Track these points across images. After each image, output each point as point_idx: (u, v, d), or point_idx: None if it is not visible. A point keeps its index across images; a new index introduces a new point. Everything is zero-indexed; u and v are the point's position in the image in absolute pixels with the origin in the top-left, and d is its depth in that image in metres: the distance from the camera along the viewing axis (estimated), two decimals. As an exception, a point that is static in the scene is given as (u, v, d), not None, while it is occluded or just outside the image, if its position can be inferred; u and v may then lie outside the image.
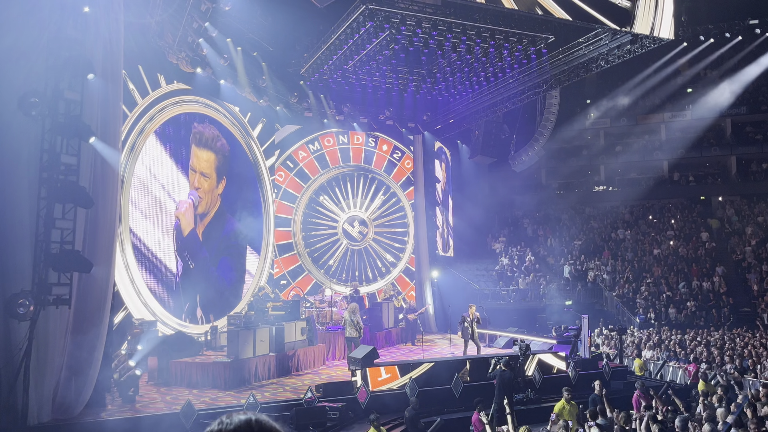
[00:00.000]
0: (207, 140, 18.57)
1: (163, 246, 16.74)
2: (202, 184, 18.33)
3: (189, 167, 17.89)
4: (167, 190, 17.04)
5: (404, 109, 23.02)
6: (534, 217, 32.80)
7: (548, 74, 19.55)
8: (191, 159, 17.99)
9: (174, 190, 17.30)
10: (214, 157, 18.83)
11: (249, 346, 13.68)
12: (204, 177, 18.42)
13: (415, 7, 15.44)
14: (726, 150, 33.05)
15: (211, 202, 18.67)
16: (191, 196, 17.83)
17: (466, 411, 11.97)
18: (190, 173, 17.91)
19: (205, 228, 18.38)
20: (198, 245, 17.98)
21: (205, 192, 18.48)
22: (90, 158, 10.66)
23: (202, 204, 18.33)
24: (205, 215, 18.45)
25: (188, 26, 15.37)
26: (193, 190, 17.89)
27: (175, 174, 17.38)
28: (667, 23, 16.70)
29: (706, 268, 25.69)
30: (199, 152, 18.30)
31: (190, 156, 17.94)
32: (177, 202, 17.33)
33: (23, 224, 9.81)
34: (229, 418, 2.02)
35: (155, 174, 16.61)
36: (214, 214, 18.78)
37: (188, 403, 10.50)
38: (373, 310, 19.38)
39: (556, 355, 15.30)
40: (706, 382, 12.85)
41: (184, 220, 17.51)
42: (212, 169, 18.73)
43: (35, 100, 9.55)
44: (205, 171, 18.47)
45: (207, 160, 18.58)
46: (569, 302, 23.69)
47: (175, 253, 17.10)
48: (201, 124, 18.40)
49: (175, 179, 17.39)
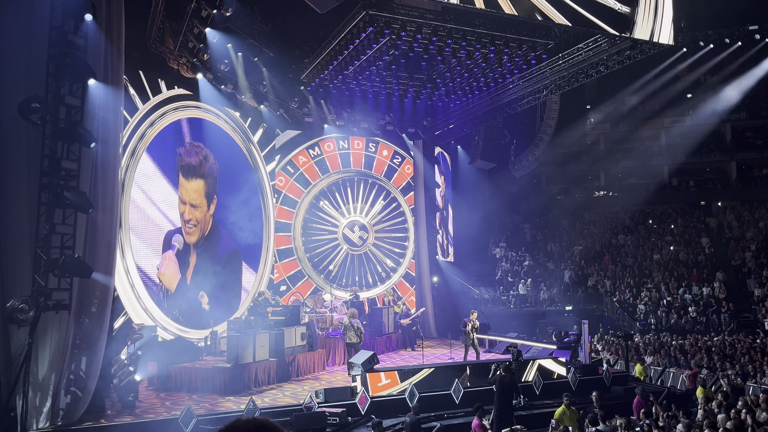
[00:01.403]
0: (194, 168, 18.06)
1: (155, 262, 16.57)
2: (193, 214, 17.95)
3: (178, 199, 17.53)
4: (160, 208, 16.79)
5: (404, 114, 23.04)
6: (534, 222, 32.81)
7: (548, 80, 19.58)
8: (180, 191, 17.57)
9: (168, 206, 17.07)
10: (203, 184, 18.38)
11: (249, 351, 13.67)
12: (194, 207, 18.04)
13: (416, 12, 15.48)
14: (726, 155, 33.08)
15: (204, 226, 18.40)
16: (174, 243, 17.21)
17: (466, 417, 11.96)
18: (179, 205, 17.55)
19: (199, 250, 18.04)
20: (187, 291, 17.35)
21: (197, 221, 18.14)
22: (90, 163, 10.69)
23: (194, 233, 17.98)
24: (199, 241, 18.19)
25: (189, 32, 15.41)
26: (177, 235, 17.31)
27: (169, 188, 17.18)
28: (667, 29, 16.73)
29: (707, 274, 25.68)
30: (188, 183, 17.87)
31: (178, 185, 17.55)
32: (158, 264, 16.71)
33: (23, 229, 9.83)
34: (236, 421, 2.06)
35: (152, 183, 16.49)
36: (208, 234, 18.52)
37: (188, 409, 10.50)
38: (373, 315, 19.37)
39: (556, 361, 15.28)
40: (705, 388, 12.83)
41: (166, 277, 16.88)
42: (202, 197, 18.32)
43: (36, 106, 9.58)
44: (195, 201, 18.06)
45: (196, 189, 18.13)
46: (569, 307, 23.66)
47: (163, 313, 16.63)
48: (184, 147, 17.79)
49: (171, 193, 17.20)
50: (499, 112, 22.21)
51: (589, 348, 16.85)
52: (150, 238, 16.42)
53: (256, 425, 2.07)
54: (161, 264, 16.81)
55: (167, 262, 17.04)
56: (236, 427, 2.06)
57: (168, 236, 16.96)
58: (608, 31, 16.34)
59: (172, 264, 17.20)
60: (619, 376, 15.81)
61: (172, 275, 17.18)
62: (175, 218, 17.29)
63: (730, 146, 33.06)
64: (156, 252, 16.61)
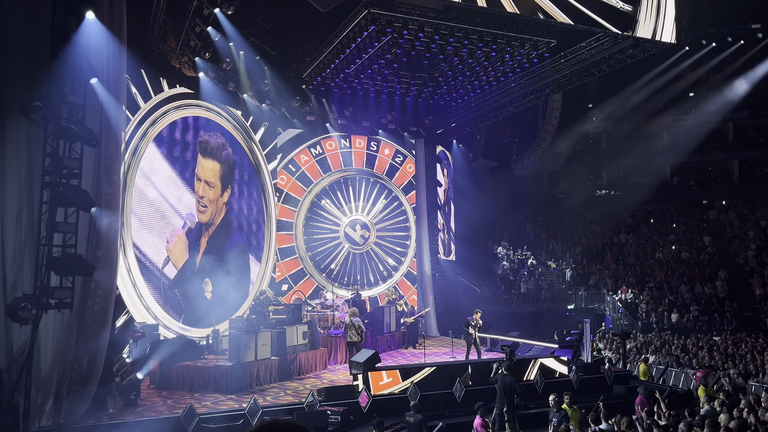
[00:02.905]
0: (212, 149, 18.54)
1: (162, 254, 16.67)
2: (206, 192, 18.31)
3: (195, 176, 17.88)
4: (166, 198, 16.88)
5: (406, 113, 23.04)
6: (536, 221, 32.79)
7: (550, 78, 19.54)
8: (197, 167, 17.97)
9: (174, 199, 17.17)
10: (219, 167, 18.82)
11: (251, 349, 13.67)
12: (209, 186, 18.41)
13: (418, 11, 15.46)
14: (728, 154, 33.02)
15: (216, 211, 18.65)
16: (187, 220, 17.42)
17: (467, 415, 11.95)
18: (195, 182, 17.90)
19: (209, 238, 18.30)
20: (194, 276, 17.44)
21: (210, 201, 18.44)
22: (92, 162, 10.69)
23: (206, 213, 18.28)
24: (210, 225, 18.43)
25: (190, 30, 15.41)
26: (190, 213, 17.58)
27: (175, 182, 17.27)
28: (669, 27, 16.70)
29: (709, 273, 25.64)
30: (204, 161, 18.29)
31: (196, 163, 17.94)
32: (168, 238, 16.82)
33: (25, 228, 9.84)
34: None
35: (154, 181, 16.57)
36: (219, 223, 18.75)
37: (190, 407, 10.51)
38: (374, 314, 19.35)
39: (558, 360, 15.27)
40: (707, 387, 12.81)
41: (173, 254, 16.97)
42: (217, 179, 18.72)
43: (38, 104, 9.58)
44: (209, 180, 18.47)
45: (212, 169, 18.57)
46: (571, 306, 23.67)
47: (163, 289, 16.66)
48: (207, 132, 18.36)
49: (175, 187, 17.28)
50: (501, 110, 22.18)
51: (590, 347, 16.83)
52: (153, 236, 16.45)
53: (281, 426, 2.07)
54: (170, 239, 16.97)
55: (176, 239, 17.22)
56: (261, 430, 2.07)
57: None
58: (610, 29, 16.31)
59: (181, 242, 17.39)
60: (620, 375, 15.79)
61: (180, 253, 17.36)
62: (183, 211, 17.35)
63: (733, 145, 33.00)
64: (163, 246, 16.70)
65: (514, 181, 30.19)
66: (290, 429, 2.08)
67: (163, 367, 13.44)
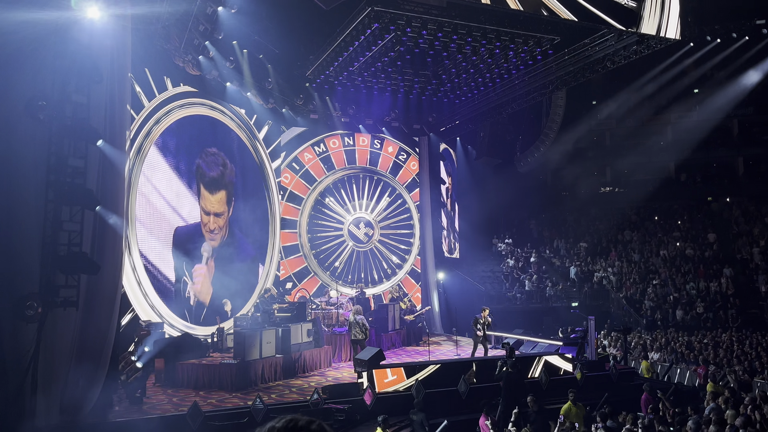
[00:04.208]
0: (216, 180, 18.47)
1: (164, 257, 16.71)
2: (217, 223, 18.47)
3: (201, 207, 17.91)
4: (168, 201, 16.91)
5: (410, 110, 23.02)
6: (540, 218, 32.73)
7: (554, 75, 19.49)
8: (202, 200, 17.94)
9: (176, 198, 17.20)
10: (225, 193, 18.86)
11: (255, 347, 13.71)
12: (218, 216, 18.54)
13: (421, 8, 15.42)
14: (733, 151, 32.90)
15: (224, 230, 18.80)
16: (203, 252, 17.68)
17: (472, 413, 11.95)
18: (203, 214, 17.96)
19: (216, 255, 18.41)
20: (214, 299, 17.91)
21: (220, 227, 18.61)
22: (97, 161, 10.71)
23: (217, 238, 18.42)
24: (220, 246, 18.58)
25: (194, 29, 15.40)
26: (205, 245, 17.81)
27: (178, 182, 17.28)
28: (674, 23, 16.63)
29: (713, 270, 25.56)
30: (212, 196, 18.33)
31: (200, 195, 17.93)
32: (192, 276, 17.16)
33: (31, 226, 9.87)
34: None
35: (158, 179, 16.61)
36: (226, 239, 18.86)
37: (195, 405, 10.54)
38: (378, 311, 19.37)
39: (562, 357, 15.26)
40: (715, 383, 12.78)
41: (201, 293, 17.43)
42: (224, 205, 18.82)
43: (43, 104, 9.61)
44: (218, 211, 18.60)
45: (219, 200, 18.64)
46: (575, 304, 23.64)
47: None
48: (201, 157, 18.04)
49: (179, 187, 17.31)
50: (504, 108, 22.14)
51: (595, 344, 16.82)
52: (158, 235, 16.48)
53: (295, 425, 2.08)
54: (195, 278, 17.13)
55: (201, 278, 17.39)
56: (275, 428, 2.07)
57: (179, 234, 17.02)
58: (615, 26, 16.24)
59: (205, 278, 17.61)
60: (625, 372, 15.77)
61: (206, 289, 17.60)
62: (185, 214, 17.36)
63: (737, 141, 32.87)
64: (165, 247, 16.70)
65: (517, 179, 30.10)
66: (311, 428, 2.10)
67: (168, 365, 13.48)
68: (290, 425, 2.09)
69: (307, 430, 2.09)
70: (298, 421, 2.10)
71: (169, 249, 16.77)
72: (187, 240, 17.28)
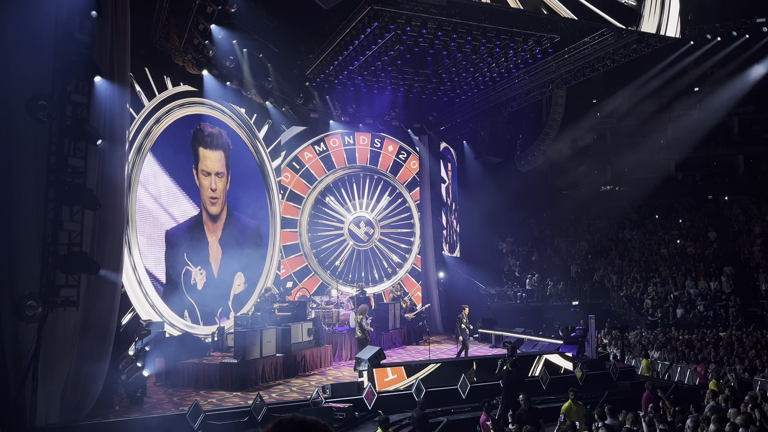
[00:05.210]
0: (215, 137, 18.59)
1: (164, 257, 16.77)
2: (218, 184, 18.53)
3: (200, 171, 17.94)
4: (162, 205, 16.94)
5: (410, 109, 23.01)
6: (540, 217, 32.71)
7: (554, 74, 19.48)
8: (201, 163, 18.00)
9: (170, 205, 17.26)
10: (223, 155, 18.94)
11: (256, 347, 13.71)
12: (219, 176, 18.62)
13: (421, 7, 15.40)
14: (733, 149, 32.88)
15: (222, 202, 18.81)
16: (209, 234, 18.10)
17: (473, 412, 11.96)
18: (202, 177, 17.99)
19: (223, 228, 18.56)
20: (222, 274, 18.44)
21: (221, 192, 18.68)
22: (97, 160, 10.72)
23: (217, 204, 18.54)
24: (217, 217, 18.59)
25: (194, 28, 15.41)
26: (210, 235, 18.16)
27: (173, 192, 17.32)
28: (674, 22, 16.62)
29: (714, 268, 25.55)
30: (210, 153, 18.37)
31: (198, 160, 17.98)
32: (195, 265, 17.52)
33: (31, 226, 9.88)
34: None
35: (157, 186, 16.68)
36: (225, 220, 18.91)
37: (195, 404, 10.55)
38: (379, 310, 19.37)
39: (563, 356, 15.26)
40: (718, 381, 12.77)
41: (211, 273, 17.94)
42: (224, 166, 18.91)
43: (42, 103, 9.61)
44: (219, 171, 18.67)
45: (219, 159, 18.71)
46: (576, 302, 23.63)
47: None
48: (203, 122, 18.35)
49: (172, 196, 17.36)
50: (504, 106, 22.13)
51: (596, 343, 16.82)
52: (157, 235, 16.49)
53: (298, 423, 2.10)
54: (200, 265, 17.60)
55: (211, 260, 17.93)
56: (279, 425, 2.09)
57: (168, 235, 16.99)
58: (615, 24, 16.24)
59: (214, 259, 18.19)
60: (626, 370, 15.77)
61: (215, 266, 18.16)
62: (177, 215, 17.33)
63: (738, 140, 32.84)
64: (164, 246, 16.71)
65: (518, 177, 30.06)
66: (312, 426, 2.12)
67: (168, 365, 13.49)
68: (297, 420, 2.11)
69: (314, 428, 2.10)
70: (305, 419, 2.13)
71: (169, 247, 16.78)
72: (185, 235, 17.36)
